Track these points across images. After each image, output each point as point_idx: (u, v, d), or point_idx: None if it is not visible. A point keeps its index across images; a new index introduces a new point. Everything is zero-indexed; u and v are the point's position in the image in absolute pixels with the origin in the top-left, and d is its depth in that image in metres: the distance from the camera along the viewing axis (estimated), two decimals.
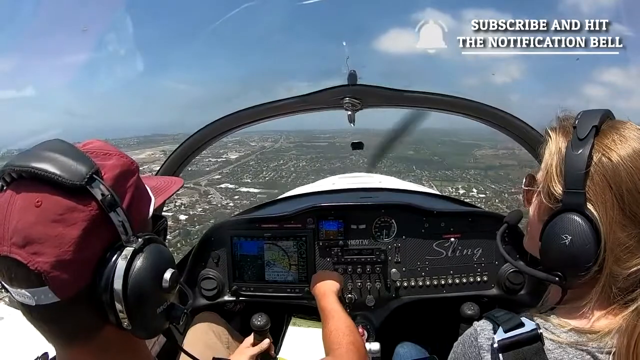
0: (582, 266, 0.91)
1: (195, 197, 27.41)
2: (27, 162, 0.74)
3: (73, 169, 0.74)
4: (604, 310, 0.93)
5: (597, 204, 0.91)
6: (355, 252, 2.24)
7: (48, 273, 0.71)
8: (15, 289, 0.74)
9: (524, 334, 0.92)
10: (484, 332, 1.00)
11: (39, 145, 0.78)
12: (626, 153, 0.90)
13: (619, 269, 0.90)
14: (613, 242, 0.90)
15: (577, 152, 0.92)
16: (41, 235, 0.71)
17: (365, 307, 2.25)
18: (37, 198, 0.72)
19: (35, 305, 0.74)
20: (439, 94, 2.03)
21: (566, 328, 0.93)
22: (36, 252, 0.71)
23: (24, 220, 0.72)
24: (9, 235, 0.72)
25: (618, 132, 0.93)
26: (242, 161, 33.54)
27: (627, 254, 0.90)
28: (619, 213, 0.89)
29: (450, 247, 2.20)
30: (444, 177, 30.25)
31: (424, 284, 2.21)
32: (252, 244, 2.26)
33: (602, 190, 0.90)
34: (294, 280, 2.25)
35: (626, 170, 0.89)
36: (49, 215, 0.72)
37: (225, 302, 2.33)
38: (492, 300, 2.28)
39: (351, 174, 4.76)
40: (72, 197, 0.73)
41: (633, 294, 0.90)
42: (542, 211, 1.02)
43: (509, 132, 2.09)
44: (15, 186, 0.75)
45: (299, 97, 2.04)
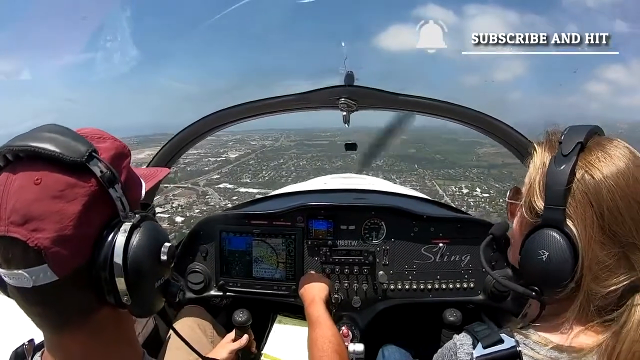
0: (559, 283, 0.91)
1: (193, 198, 27.13)
2: (25, 141, 0.75)
3: (72, 147, 0.76)
4: (582, 327, 0.93)
5: (577, 221, 0.90)
6: (344, 252, 2.24)
7: (48, 249, 0.72)
8: (12, 271, 0.74)
9: (503, 351, 0.93)
10: (464, 347, 1.00)
11: (35, 129, 0.79)
12: (609, 171, 0.90)
13: (597, 287, 0.90)
14: (591, 260, 0.90)
15: (560, 168, 0.92)
16: (41, 212, 0.72)
17: (351, 308, 2.25)
18: (36, 176, 0.73)
19: (32, 286, 0.73)
20: (434, 100, 2.03)
21: (546, 346, 0.93)
22: (36, 228, 0.71)
23: (22, 199, 0.72)
24: (6, 215, 0.72)
25: (603, 150, 0.93)
26: (242, 160, 33.32)
27: (606, 272, 0.90)
28: (598, 231, 0.89)
29: (439, 252, 2.21)
30: (447, 175, 30.17)
31: (411, 288, 2.21)
32: (240, 239, 2.25)
33: (582, 207, 0.90)
34: (281, 278, 2.24)
35: (608, 189, 0.89)
36: (49, 191, 0.73)
37: (212, 297, 2.32)
38: (477, 307, 2.29)
39: (343, 174, 4.77)
40: (72, 174, 0.75)
41: (612, 315, 0.90)
42: (523, 225, 1.02)
43: (500, 139, 2.10)
44: (11, 168, 0.75)
45: (295, 95, 2.04)
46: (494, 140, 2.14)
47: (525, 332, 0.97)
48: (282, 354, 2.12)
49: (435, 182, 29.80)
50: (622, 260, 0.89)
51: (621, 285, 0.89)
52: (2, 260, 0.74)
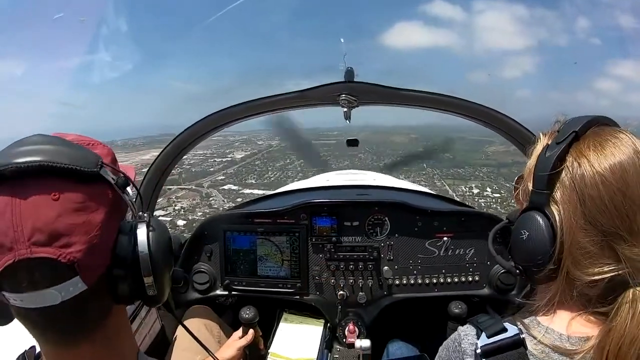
0: (536, 260, 0.95)
1: (197, 200, 26.99)
2: (29, 157, 0.72)
3: (83, 158, 0.76)
4: (573, 314, 0.94)
5: (562, 206, 0.93)
6: (348, 249, 2.24)
7: (81, 261, 0.72)
8: (36, 292, 0.71)
9: (507, 339, 0.94)
10: (468, 338, 1.01)
11: (22, 142, 0.76)
12: (596, 160, 0.91)
13: (578, 272, 0.91)
14: (572, 245, 0.91)
15: (548, 154, 0.95)
16: (68, 227, 0.71)
17: (356, 304, 2.25)
18: (52, 191, 0.72)
19: (59, 302, 0.72)
20: (435, 93, 2.03)
21: (548, 334, 0.93)
22: (65, 244, 0.71)
23: (44, 216, 0.70)
24: (25, 236, 0.69)
25: (597, 139, 0.94)
26: (248, 161, 33.12)
27: (588, 259, 0.90)
28: (581, 217, 0.90)
29: (443, 246, 2.21)
30: (456, 175, 29.93)
31: (416, 283, 2.21)
32: (245, 238, 2.25)
33: (569, 193, 0.92)
34: (286, 276, 2.25)
35: (592, 178, 0.90)
36: (70, 205, 0.72)
37: (218, 296, 2.33)
38: (483, 300, 2.29)
39: (345, 171, 4.77)
40: (89, 185, 0.76)
41: (602, 309, 0.91)
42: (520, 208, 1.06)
43: (503, 132, 2.09)
44: (13, 186, 0.72)
45: (295, 92, 2.04)
46: (499, 135, 2.14)
47: (527, 321, 0.98)
48: (289, 351, 2.13)
49: (445, 181, 29.55)
50: (606, 250, 0.89)
51: (607, 276, 0.89)
52: (27, 283, 0.71)
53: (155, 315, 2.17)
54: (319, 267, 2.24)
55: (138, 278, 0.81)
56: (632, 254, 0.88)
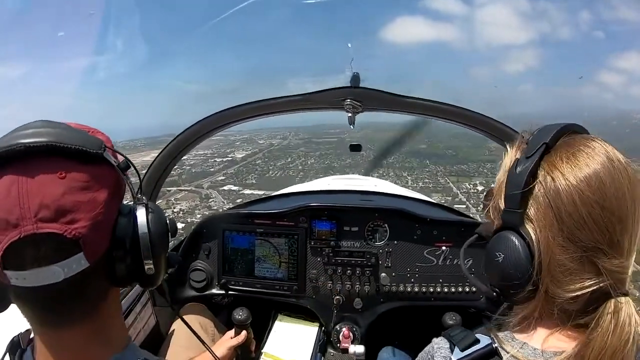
0: (513, 284, 0.90)
1: (196, 202, 26.77)
2: (36, 138, 0.75)
3: (89, 140, 0.79)
4: (551, 330, 0.91)
5: (537, 224, 0.88)
6: (347, 253, 2.24)
7: (86, 237, 0.75)
8: (40, 269, 0.73)
9: (480, 349, 0.93)
10: (441, 351, 1.00)
11: (27, 126, 0.78)
12: (571, 174, 0.86)
13: (558, 290, 0.88)
14: (551, 263, 0.87)
15: (519, 170, 0.90)
16: (73, 204, 0.74)
17: (352, 310, 2.25)
18: (59, 170, 0.74)
19: (61, 280, 0.74)
20: (440, 103, 2.02)
21: (521, 348, 0.92)
22: (71, 220, 0.73)
23: (50, 194, 0.73)
24: (31, 213, 0.71)
25: (569, 151, 0.89)
26: (249, 160, 32.87)
27: (568, 276, 0.87)
28: (558, 234, 0.86)
29: (442, 256, 2.20)
30: (460, 172, 29.50)
31: (413, 291, 2.21)
32: (243, 238, 2.26)
33: (543, 210, 0.88)
34: (283, 278, 2.25)
35: (567, 192, 0.85)
36: (77, 184, 0.75)
37: (214, 295, 2.33)
38: (479, 312, 2.28)
39: (347, 175, 4.77)
40: (94, 165, 0.79)
41: (581, 320, 0.88)
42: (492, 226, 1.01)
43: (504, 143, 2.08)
44: (19, 166, 0.74)
45: (300, 95, 2.04)
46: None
47: (499, 333, 0.96)
48: (282, 353, 2.13)
49: (449, 178, 29.19)
50: (586, 265, 0.86)
51: (588, 290, 0.86)
52: (31, 259, 0.73)
53: (151, 310, 2.18)
54: (316, 271, 2.24)
55: (137, 258, 0.83)
56: (613, 266, 0.84)
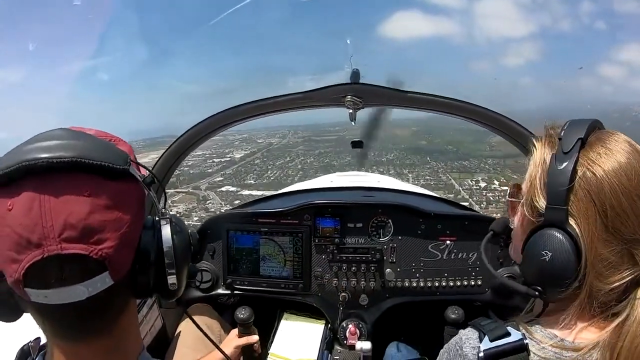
0: (562, 282, 0.90)
1: (193, 204, 26.33)
2: (58, 152, 0.70)
3: (114, 154, 0.76)
4: (586, 323, 0.92)
5: (580, 220, 0.89)
6: (351, 250, 2.24)
7: (112, 257, 0.72)
8: (63, 288, 0.71)
9: (510, 343, 0.92)
10: (470, 341, 0.99)
11: (46, 136, 0.74)
12: (611, 167, 0.88)
13: (600, 284, 0.89)
14: (595, 258, 0.88)
15: (561, 166, 0.90)
16: (100, 223, 0.71)
17: (358, 306, 2.25)
18: (84, 187, 0.71)
19: (84, 298, 0.72)
20: (440, 96, 2.02)
21: (551, 340, 0.92)
22: (97, 240, 0.71)
23: (76, 213, 0.69)
24: (55, 233, 0.68)
25: (604, 145, 0.91)
26: (247, 160, 32.46)
27: (610, 269, 0.89)
28: (601, 229, 0.88)
29: (446, 250, 2.20)
30: (462, 168, 28.81)
31: (418, 286, 2.21)
32: (248, 238, 2.26)
33: (585, 205, 0.89)
34: (289, 276, 2.25)
35: (610, 186, 0.87)
36: (103, 202, 0.72)
37: (219, 295, 2.33)
38: (485, 305, 2.28)
39: (350, 172, 4.77)
40: (119, 181, 0.75)
41: (615, 309, 0.89)
42: (525, 224, 1.01)
43: (509, 137, 2.08)
44: (40, 182, 0.70)
45: (301, 93, 2.04)
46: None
47: (530, 327, 0.96)
48: (289, 352, 2.13)
49: (450, 175, 28.67)
50: (625, 257, 0.88)
51: (625, 281, 0.88)
52: (55, 279, 0.70)
53: (157, 312, 2.18)
54: (321, 268, 2.24)
55: (160, 272, 0.82)
56: None
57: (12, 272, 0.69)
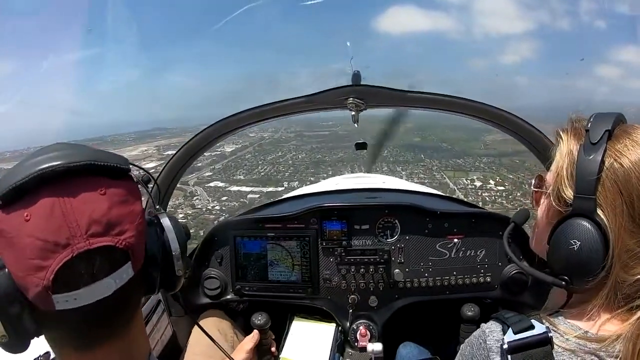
0: (590, 272, 0.91)
1: (180, 200, 25.78)
2: (73, 159, 0.76)
3: (117, 157, 0.84)
4: (609, 315, 0.93)
5: (607, 210, 0.90)
6: (359, 252, 2.24)
7: (134, 246, 0.79)
8: (94, 284, 0.74)
9: (534, 336, 0.93)
10: (493, 334, 1.00)
11: (50, 149, 0.78)
12: (638, 158, 0.89)
13: (625, 275, 0.90)
14: (621, 249, 0.89)
15: (589, 156, 0.91)
16: (119, 216, 0.78)
17: (368, 308, 2.25)
18: (99, 188, 0.77)
19: (111, 292, 0.76)
20: (441, 95, 2.02)
21: (575, 332, 0.93)
22: (119, 231, 0.77)
23: (98, 209, 0.75)
24: (81, 230, 0.73)
25: (630, 137, 0.93)
26: (238, 154, 31.76)
27: (635, 260, 0.89)
28: (628, 220, 0.89)
29: (454, 248, 2.20)
30: (456, 166, 28.31)
31: (427, 285, 2.20)
32: (255, 243, 2.26)
33: (612, 196, 0.90)
34: (297, 281, 2.25)
35: (637, 177, 0.88)
36: (117, 198, 0.79)
37: (229, 301, 2.33)
38: (495, 302, 2.27)
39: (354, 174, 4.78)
40: (125, 180, 0.84)
41: (638, 301, 0.90)
42: (551, 214, 1.02)
43: (511, 132, 2.08)
44: (55, 187, 0.74)
45: (302, 97, 2.05)
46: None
47: (554, 319, 0.97)
48: (301, 356, 2.12)
49: (445, 173, 28.21)
50: None
51: None
52: (86, 276, 0.74)
53: (167, 321, 2.19)
54: (329, 271, 2.24)
55: (166, 264, 0.90)
56: None
57: (39, 280, 0.71)
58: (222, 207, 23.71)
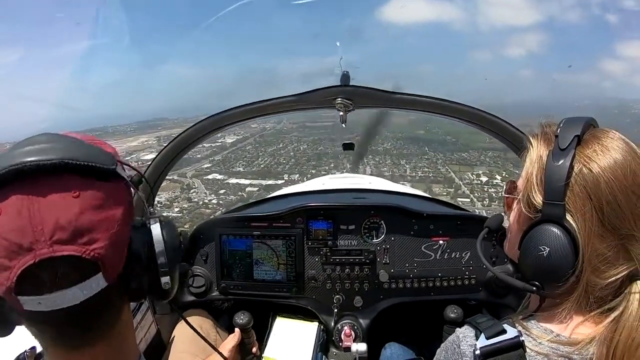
0: (559, 277, 0.92)
1: (177, 192, 25.17)
2: (45, 155, 0.70)
3: (100, 155, 0.76)
4: (582, 318, 0.94)
5: (577, 216, 0.90)
6: (344, 252, 2.24)
7: (104, 257, 0.72)
8: (58, 292, 0.69)
9: (506, 340, 0.93)
10: (467, 339, 1.00)
11: (31, 141, 0.73)
12: (607, 164, 0.90)
13: (596, 279, 0.91)
14: (591, 254, 0.90)
15: (558, 162, 0.92)
16: (90, 223, 0.70)
17: (353, 308, 2.25)
18: (72, 189, 0.70)
19: (79, 302, 0.71)
20: (429, 97, 2.03)
21: (547, 336, 0.93)
22: (89, 240, 0.70)
23: (66, 214, 0.69)
24: (46, 235, 0.67)
25: (600, 142, 0.93)
26: (239, 146, 31.24)
27: (606, 264, 0.90)
28: (598, 225, 0.89)
29: (439, 250, 2.21)
30: (461, 160, 27.96)
31: (412, 286, 2.21)
32: (241, 242, 2.25)
33: (582, 201, 0.90)
34: (282, 280, 2.25)
35: (606, 182, 0.89)
36: (92, 202, 0.72)
37: (213, 300, 2.32)
38: (479, 304, 2.29)
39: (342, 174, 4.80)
40: (107, 182, 0.75)
41: (611, 304, 0.91)
42: (521, 220, 1.02)
43: (497, 134, 2.10)
44: (25, 185, 0.69)
45: (291, 96, 2.04)
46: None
47: (527, 323, 0.97)
48: (283, 355, 2.12)
49: (450, 167, 27.86)
50: (620, 252, 0.90)
51: (620, 276, 0.90)
52: (49, 283, 0.69)
53: (151, 319, 2.16)
54: (315, 271, 2.24)
55: (154, 273, 0.83)
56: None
57: (4, 280, 0.68)
58: (219, 201, 23.24)
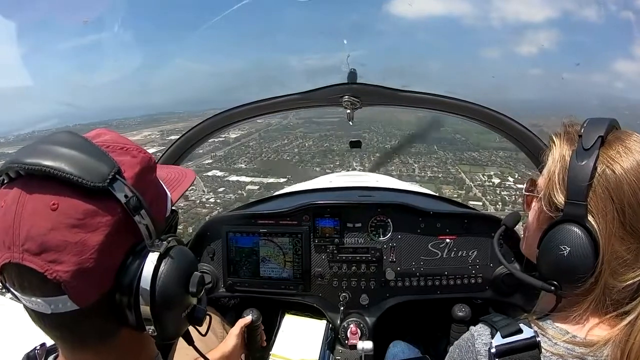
0: (579, 277, 0.91)
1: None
2: (38, 159, 0.68)
3: (93, 168, 0.69)
4: (597, 320, 0.93)
5: (598, 216, 0.90)
6: (351, 250, 2.24)
7: (68, 283, 0.67)
8: (28, 297, 0.69)
9: (522, 340, 0.93)
10: (482, 337, 1.00)
11: (48, 139, 0.72)
12: (630, 166, 0.89)
13: (614, 281, 0.90)
14: (610, 255, 0.89)
15: (582, 162, 0.91)
16: (59, 243, 0.66)
17: (359, 306, 2.25)
18: (53, 200, 0.67)
19: (50, 313, 0.69)
20: (436, 95, 2.03)
21: (563, 336, 0.93)
22: (54, 260, 0.66)
23: (38, 226, 0.66)
24: (20, 241, 0.66)
25: (623, 144, 0.92)
26: (242, 141, 31.00)
27: (624, 267, 0.90)
28: (619, 227, 0.89)
29: (446, 248, 2.21)
30: (472, 160, 27.17)
31: (418, 285, 2.21)
32: (247, 239, 2.26)
33: (603, 202, 0.90)
34: (289, 277, 2.25)
35: (629, 184, 0.88)
36: (67, 219, 0.67)
37: (220, 297, 2.33)
38: (485, 302, 2.28)
39: (348, 172, 4.80)
40: (93, 200, 0.68)
41: (627, 307, 0.90)
42: (541, 218, 1.02)
43: (504, 133, 2.09)
44: (24, 185, 0.69)
45: (298, 93, 2.05)
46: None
47: (542, 323, 0.97)
48: (291, 352, 2.12)
49: (460, 168, 27.06)
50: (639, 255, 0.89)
51: (638, 280, 0.90)
52: (17, 286, 0.70)
53: None
54: (321, 269, 2.24)
55: (137, 312, 0.73)
56: None
57: None
58: (217, 200, 23.21)
